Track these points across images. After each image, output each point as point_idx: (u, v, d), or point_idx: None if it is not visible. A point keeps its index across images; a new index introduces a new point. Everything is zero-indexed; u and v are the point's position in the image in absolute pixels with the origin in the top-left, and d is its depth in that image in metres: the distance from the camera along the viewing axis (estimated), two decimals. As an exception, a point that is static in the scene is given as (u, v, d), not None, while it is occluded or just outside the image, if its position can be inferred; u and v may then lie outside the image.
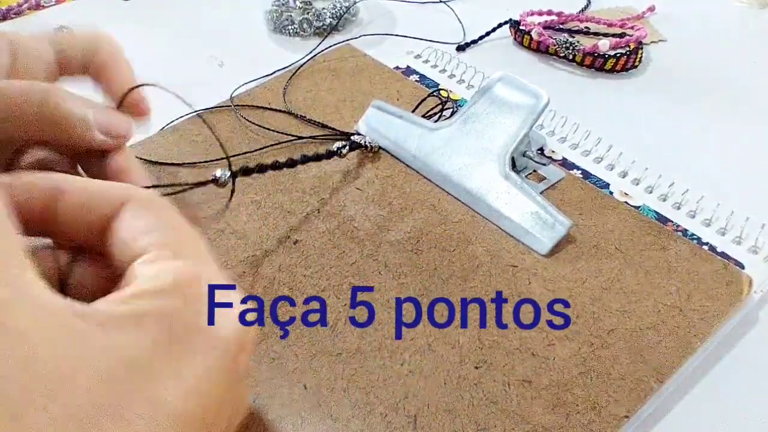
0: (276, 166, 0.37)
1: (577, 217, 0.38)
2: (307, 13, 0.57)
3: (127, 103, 0.34)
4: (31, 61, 0.31)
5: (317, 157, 0.40)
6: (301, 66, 0.51)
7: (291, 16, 0.57)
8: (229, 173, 0.35)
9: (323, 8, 0.58)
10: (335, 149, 0.40)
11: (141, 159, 0.43)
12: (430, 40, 0.55)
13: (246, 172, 0.36)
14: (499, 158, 0.39)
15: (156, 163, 0.42)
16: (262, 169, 0.37)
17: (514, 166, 0.40)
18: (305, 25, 0.57)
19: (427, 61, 0.53)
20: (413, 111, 0.45)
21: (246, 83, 0.50)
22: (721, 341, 0.33)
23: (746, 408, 0.31)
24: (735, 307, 0.33)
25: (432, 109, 0.46)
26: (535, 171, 0.41)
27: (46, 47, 0.32)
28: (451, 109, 0.46)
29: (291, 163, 0.38)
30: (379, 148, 0.43)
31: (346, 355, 0.31)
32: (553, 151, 0.44)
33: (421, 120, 0.43)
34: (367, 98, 0.46)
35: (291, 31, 0.57)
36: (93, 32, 0.34)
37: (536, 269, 0.35)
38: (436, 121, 0.44)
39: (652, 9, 0.60)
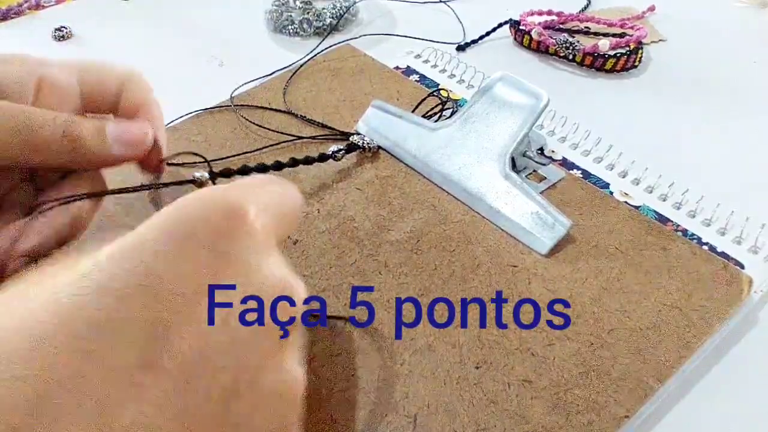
0: (260, 168, 0.37)
1: (577, 217, 0.38)
2: (307, 13, 0.57)
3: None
4: (58, 100, 0.31)
5: (307, 161, 0.40)
6: (301, 66, 0.51)
7: (291, 16, 0.57)
8: (207, 174, 0.35)
9: (323, 8, 0.58)
10: (330, 153, 0.40)
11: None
12: (430, 40, 0.55)
13: (226, 174, 0.36)
14: (499, 158, 0.39)
15: (156, 163, 0.42)
16: (244, 171, 0.37)
17: (514, 166, 0.40)
18: (305, 25, 0.57)
19: (427, 61, 0.53)
20: (413, 111, 0.45)
21: (246, 83, 0.50)
22: (721, 341, 0.33)
23: (746, 408, 0.31)
24: (735, 307, 0.33)
25: (432, 109, 0.46)
26: (535, 171, 0.41)
27: (74, 85, 0.32)
28: (451, 109, 0.46)
29: (278, 166, 0.38)
30: (378, 148, 0.43)
31: (345, 355, 0.31)
32: (553, 151, 0.44)
33: (421, 120, 0.43)
34: (367, 98, 0.46)
35: (291, 31, 0.57)
36: (125, 72, 0.33)
37: (536, 269, 0.35)
38: (436, 121, 0.44)
39: (652, 9, 0.60)
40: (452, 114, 0.45)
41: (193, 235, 0.21)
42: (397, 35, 0.57)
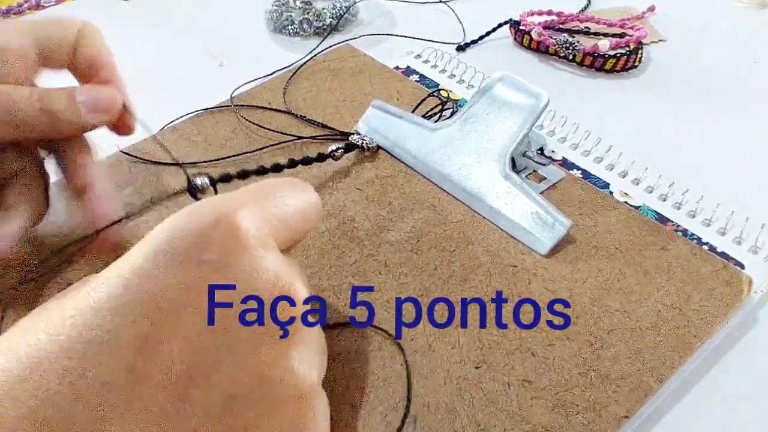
0: (260, 171, 0.37)
1: (577, 217, 0.38)
2: (307, 13, 0.57)
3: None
4: (14, 63, 0.32)
5: (306, 161, 0.39)
6: (301, 66, 0.51)
7: (291, 16, 0.57)
8: (208, 180, 0.35)
9: (323, 8, 0.58)
10: (328, 152, 0.40)
11: (140, 159, 0.43)
12: (430, 40, 0.55)
13: (226, 179, 0.35)
14: (499, 158, 0.39)
15: (156, 163, 0.42)
16: (243, 175, 0.36)
17: (514, 166, 0.40)
18: (305, 25, 0.57)
19: (427, 61, 0.53)
20: (413, 111, 0.45)
21: (246, 83, 0.50)
22: (721, 341, 0.33)
23: (746, 408, 0.31)
24: (735, 308, 0.33)
25: (432, 109, 0.46)
26: (535, 171, 0.41)
27: (30, 44, 0.32)
28: (451, 109, 0.46)
29: (277, 168, 0.38)
30: (378, 147, 0.43)
31: (345, 355, 0.31)
32: (553, 151, 0.44)
33: (421, 120, 0.43)
34: (367, 98, 0.46)
35: (291, 31, 0.57)
36: (78, 25, 0.34)
37: (536, 269, 0.35)
38: (436, 121, 0.44)
39: (652, 9, 0.60)
40: (452, 114, 0.45)
41: (179, 249, 0.21)
42: (397, 35, 0.57)
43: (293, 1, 0.59)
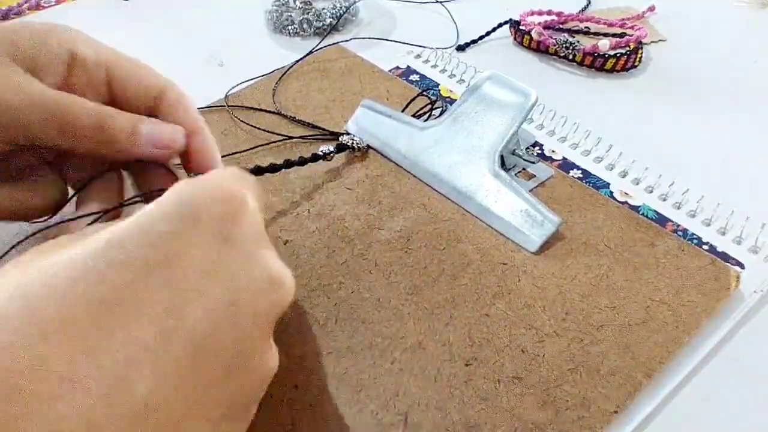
0: (256, 171, 0.37)
1: (566, 214, 0.38)
2: (307, 13, 0.57)
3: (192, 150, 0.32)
4: (85, 81, 0.31)
5: (302, 162, 0.40)
6: (291, 66, 0.51)
7: (291, 16, 0.57)
8: None
9: (323, 8, 0.58)
10: (321, 153, 0.41)
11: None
12: (423, 46, 0.55)
13: None
14: (489, 156, 0.39)
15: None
16: None
17: (503, 164, 0.40)
18: (305, 25, 0.57)
19: (427, 61, 0.53)
20: (402, 110, 0.45)
21: (242, 83, 0.50)
22: (720, 341, 0.33)
23: (746, 409, 0.31)
24: (722, 302, 0.33)
25: (422, 108, 0.46)
26: (524, 169, 0.41)
27: (102, 76, 0.32)
28: (441, 108, 0.46)
29: (273, 168, 0.38)
30: (368, 147, 0.43)
31: (336, 354, 0.31)
32: (553, 151, 0.44)
33: (411, 119, 0.43)
34: (356, 98, 0.46)
35: (291, 31, 0.57)
36: (157, 85, 0.33)
37: (526, 267, 0.35)
38: (425, 121, 0.44)
39: (652, 9, 0.59)
40: (441, 113, 0.45)
41: (201, 219, 0.22)
42: (391, 41, 0.56)
43: (293, 1, 0.59)
